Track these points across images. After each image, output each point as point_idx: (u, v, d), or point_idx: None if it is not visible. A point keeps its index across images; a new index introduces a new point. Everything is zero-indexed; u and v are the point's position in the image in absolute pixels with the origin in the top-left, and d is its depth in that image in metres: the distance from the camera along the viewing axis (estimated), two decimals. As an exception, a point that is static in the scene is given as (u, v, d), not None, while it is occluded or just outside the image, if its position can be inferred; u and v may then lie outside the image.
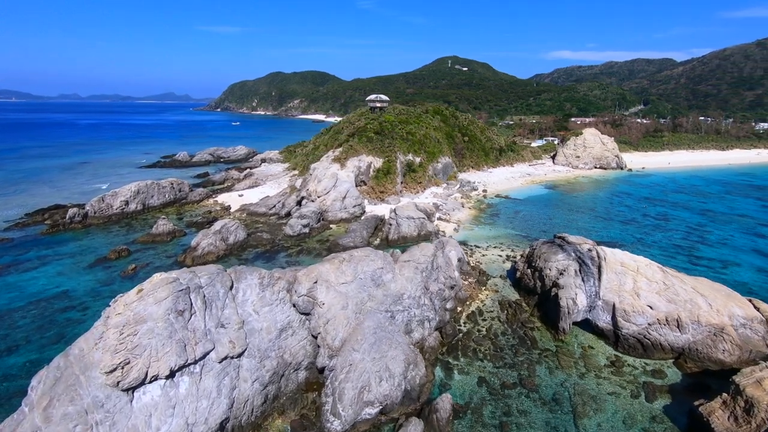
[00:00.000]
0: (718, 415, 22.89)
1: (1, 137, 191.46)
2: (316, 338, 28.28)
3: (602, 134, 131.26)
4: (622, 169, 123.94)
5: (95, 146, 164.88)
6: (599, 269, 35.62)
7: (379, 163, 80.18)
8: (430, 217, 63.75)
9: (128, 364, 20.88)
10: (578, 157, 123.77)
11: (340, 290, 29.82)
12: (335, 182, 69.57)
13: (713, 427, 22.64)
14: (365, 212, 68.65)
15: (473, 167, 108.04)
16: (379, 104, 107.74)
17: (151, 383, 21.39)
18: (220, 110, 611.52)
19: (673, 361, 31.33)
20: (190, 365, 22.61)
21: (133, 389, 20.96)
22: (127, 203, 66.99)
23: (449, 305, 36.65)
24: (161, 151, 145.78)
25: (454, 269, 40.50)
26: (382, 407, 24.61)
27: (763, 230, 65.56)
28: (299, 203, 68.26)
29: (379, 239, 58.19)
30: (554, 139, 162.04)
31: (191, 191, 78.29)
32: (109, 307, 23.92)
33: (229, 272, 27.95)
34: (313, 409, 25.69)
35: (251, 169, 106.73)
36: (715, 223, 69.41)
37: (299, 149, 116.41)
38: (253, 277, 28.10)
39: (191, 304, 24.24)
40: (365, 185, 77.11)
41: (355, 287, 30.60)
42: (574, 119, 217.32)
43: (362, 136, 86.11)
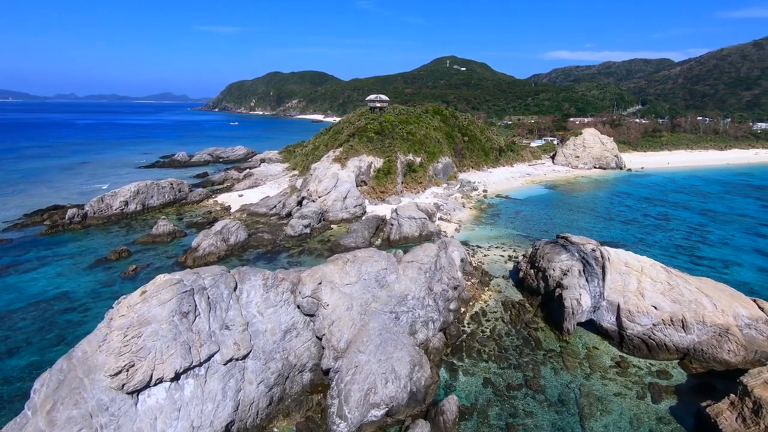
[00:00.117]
0: (726, 416, 22.80)
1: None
2: (320, 340, 28.08)
3: (601, 134, 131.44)
4: (621, 169, 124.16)
5: (93, 146, 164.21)
6: (603, 269, 35.54)
7: (379, 163, 80.00)
8: (431, 217, 63.63)
9: (133, 366, 20.64)
10: (578, 157, 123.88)
11: (344, 291, 29.63)
12: (336, 182, 69.36)
13: (721, 428, 22.55)
14: (366, 212, 68.46)
15: (473, 167, 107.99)
16: (379, 104, 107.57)
17: (155, 386, 21.16)
18: (218, 110, 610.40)
19: (678, 361, 31.25)
20: (194, 367, 22.38)
21: (137, 392, 20.72)
22: (126, 203, 66.61)
23: (453, 306, 36.50)
24: (160, 151, 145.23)
25: (457, 270, 40.37)
26: (388, 409, 24.44)
27: (763, 230, 65.68)
28: (300, 203, 68.03)
29: (380, 239, 58.00)
30: (553, 139, 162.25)
31: (191, 191, 77.95)
32: (112, 308, 23.67)
33: (232, 273, 27.73)
34: (318, 411, 25.49)
35: (251, 169, 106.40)
36: (715, 223, 69.51)
37: (299, 149, 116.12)
38: (257, 278, 27.88)
39: (195, 305, 24.01)
40: (366, 185, 76.93)
41: (359, 288, 30.41)
42: (572, 119, 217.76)
43: (363, 136, 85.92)
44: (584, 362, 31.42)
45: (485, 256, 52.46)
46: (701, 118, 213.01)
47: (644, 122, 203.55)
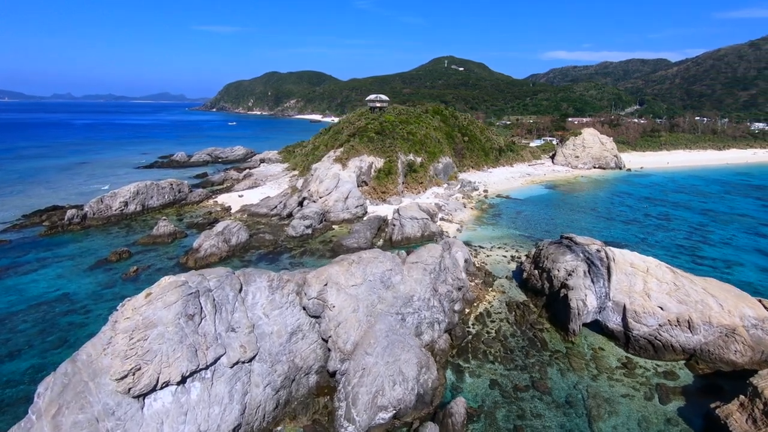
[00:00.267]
0: (736, 417, 22.68)
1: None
2: (326, 342, 27.84)
3: (600, 134, 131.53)
4: (620, 169, 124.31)
5: (92, 146, 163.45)
6: (608, 270, 35.41)
7: (380, 163, 79.79)
8: (432, 217, 63.44)
9: (139, 370, 20.37)
10: (577, 157, 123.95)
11: (350, 292, 29.40)
12: (337, 182, 69.12)
13: (731, 429, 22.43)
14: (367, 213, 68.23)
15: (473, 167, 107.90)
16: (378, 104, 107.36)
17: (162, 389, 20.89)
18: (215, 110, 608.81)
19: (684, 362, 31.17)
20: (201, 371, 22.13)
21: (143, 396, 20.46)
22: (126, 204, 66.19)
23: (457, 307, 36.29)
24: (158, 151, 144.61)
25: (461, 270, 40.20)
26: (395, 412, 24.22)
27: (764, 230, 65.78)
28: (301, 204, 67.75)
29: (382, 240, 57.78)
30: (552, 139, 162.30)
31: (191, 192, 77.57)
32: (116, 311, 23.39)
33: (237, 275, 27.46)
34: (325, 413, 25.26)
35: (250, 169, 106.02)
36: (716, 222, 69.57)
37: (298, 149, 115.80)
38: (262, 279, 27.62)
39: (201, 307, 23.74)
40: (367, 185, 76.69)
41: (364, 289, 30.18)
42: (571, 119, 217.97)
43: (363, 136, 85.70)
44: (591, 363, 31.29)
45: (488, 256, 52.30)
46: (699, 118, 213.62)
47: (642, 122, 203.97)
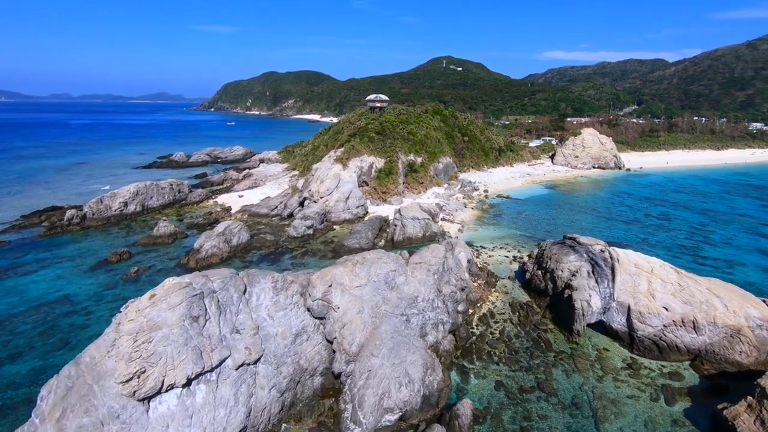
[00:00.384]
0: (744, 419, 22.60)
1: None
2: (331, 343, 27.66)
3: (600, 134, 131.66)
4: (620, 169, 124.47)
5: (90, 146, 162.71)
6: (613, 270, 35.32)
7: (380, 163, 79.61)
8: (434, 217, 63.31)
9: (144, 372, 20.16)
10: (577, 157, 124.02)
11: (354, 293, 29.22)
12: (338, 183, 68.90)
13: (739, 431, 22.35)
14: (368, 213, 68.06)
15: (473, 167, 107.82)
16: (378, 104, 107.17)
17: (167, 392, 20.68)
18: (213, 110, 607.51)
19: (689, 363, 31.12)
20: (206, 373, 21.93)
21: (149, 399, 20.24)
22: (125, 204, 65.81)
23: (461, 307, 36.17)
24: (157, 151, 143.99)
25: (464, 271, 40.07)
26: (402, 414, 24.06)
27: (765, 230, 65.89)
28: (302, 204, 67.51)
29: (383, 240, 57.60)
30: (551, 139, 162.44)
31: (190, 192, 77.25)
32: (119, 313, 23.18)
33: (241, 276, 27.28)
34: (330, 415, 25.07)
35: (250, 169, 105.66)
36: (717, 222, 69.65)
37: (298, 149, 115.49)
38: (266, 280, 27.43)
39: (206, 309, 23.55)
40: (367, 186, 76.50)
41: (369, 290, 30.00)
42: (569, 119, 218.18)
43: (363, 136, 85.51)
44: (595, 364, 31.20)
45: (490, 256, 52.19)
46: (698, 118, 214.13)
47: (641, 122, 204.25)
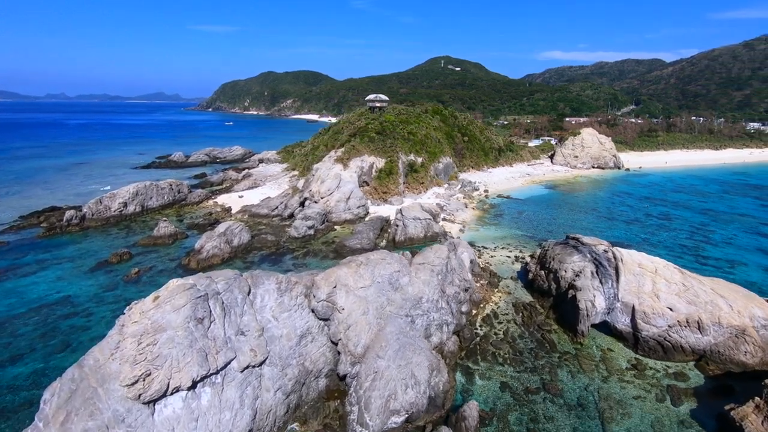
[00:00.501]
0: (751, 419, 22.53)
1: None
2: (336, 344, 27.48)
3: (599, 134, 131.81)
4: (619, 168, 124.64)
5: (88, 146, 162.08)
6: (617, 271, 35.25)
7: (381, 163, 79.45)
8: (435, 217, 63.15)
9: (149, 375, 19.94)
10: (576, 156, 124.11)
11: (359, 295, 29.04)
12: (339, 183, 68.70)
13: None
14: (369, 213, 67.89)
15: (473, 167, 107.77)
16: (378, 104, 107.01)
17: (172, 395, 20.47)
18: (211, 110, 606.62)
19: (694, 363, 31.05)
20: (211, 375, 21.72)
21: (154, 402, 20.02)
22: (125, 205, 65.46)
23: (465, 308, 36.06)
24: (155, 151, 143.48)
25: (467, 271, 39.94)
26: (408, 415, 23.89)
27: (765, 229, 65.98)
28: (302, 204, 67.28)
29: (385, 241, 57.44)
30: (550, 138, 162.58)
31: (190, 192, 76.95)
32: (123, 314, 22.93)
33: (245, 277, 27.04)
34: (336, 418, 24.89)
35: (249, 169, 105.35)
36: (717, 222, 69.73)
37: (297, 149, 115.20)
38: (270, 282, 27.22)
39: (210, 311, 23.32)
40: (368, 186, 76.32)
41: (373, 291, 29.83)
42: (568, 119, 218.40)
43: (364, 136, 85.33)
44: (600, 365, 31.10)
45: (492, 257, 52.10)
46: (696, 117, 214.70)
47: (639, 122, 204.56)
